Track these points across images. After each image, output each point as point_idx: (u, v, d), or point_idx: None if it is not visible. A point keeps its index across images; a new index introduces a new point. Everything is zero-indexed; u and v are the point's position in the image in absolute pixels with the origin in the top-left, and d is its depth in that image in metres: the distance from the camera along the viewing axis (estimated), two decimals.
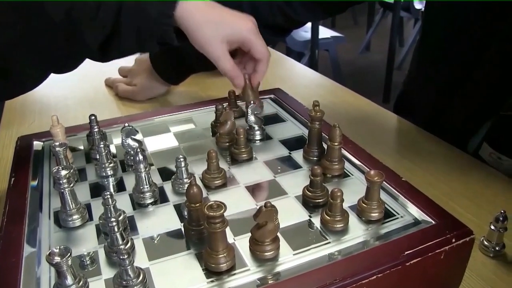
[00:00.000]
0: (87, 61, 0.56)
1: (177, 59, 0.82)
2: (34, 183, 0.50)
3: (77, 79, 1.00)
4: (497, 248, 0.49)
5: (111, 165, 0.51)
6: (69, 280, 0.34)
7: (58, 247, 0.33)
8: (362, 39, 4.25)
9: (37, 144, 0.59)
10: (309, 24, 2.64)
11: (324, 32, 2.95)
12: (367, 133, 0.74)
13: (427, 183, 0.60)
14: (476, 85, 0.68)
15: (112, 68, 1.02)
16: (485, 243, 0.49)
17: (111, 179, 0.51)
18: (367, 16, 4.29)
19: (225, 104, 0.64)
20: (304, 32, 2.82)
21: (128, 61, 0.99)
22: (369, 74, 3.66)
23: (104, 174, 0.51)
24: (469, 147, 0.71)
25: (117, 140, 0.59)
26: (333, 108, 0.84)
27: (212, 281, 0.36)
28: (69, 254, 0.33)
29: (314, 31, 2.74)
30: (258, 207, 0.37)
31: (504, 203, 0.56)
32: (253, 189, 0.48)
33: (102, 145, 0.50)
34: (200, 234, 0.40)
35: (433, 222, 0.42)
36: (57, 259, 0.33)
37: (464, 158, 0.68)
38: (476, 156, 0.69)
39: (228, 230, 0.39)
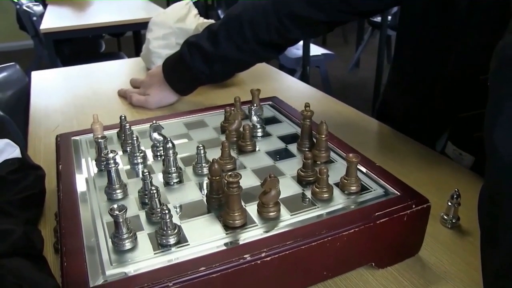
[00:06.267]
0: (100, 76, 0.67)
1: (187, 73, 0.93)
2: (78, 168, 0.61)
3: (92, 91, 1.11)
4: (453, 221, 0.60)
5: (141, 154, 0.62)
6: (124, 230, 0.45)
7: (117, 205, 0.45)
8: (352, 56, 4.40)
9: (74, 140, 0.70)
10: (301, 42, 2.77)
11: (315, 50, 3.10)
12: (351, 135, 0.84)
13: (399, 174, 0.71)
14: (439, 97, 0.80)
15: (118, 81, 1.14)
16: (444, 217, 0.61)
17: (141, 166, 0.62)
18: (356, 34, 4.44)
19: (232, 108, 0.76)
20: (296, 50, 2.95)
21: (135, 72, 1.10)
22: (358, 90, 3.79)
23: (135, 161, 0.62)
24: (437, 146, 0.83)
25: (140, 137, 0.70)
26: (322, 115, 0.95)
27: (228, 234, 0.47)
28: (125, 209, 0.44)
29: (306, 49, 2.87)
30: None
31: (463, 190, 0.66)
32: (258, 172, 0.60)
33: (135, 137, 0.61)
34: (219, 201, 0.52)
35: (398, 193, 0.53)
36: (116, 212, 0.44)
37: (432, 155, 0.79)
38: (443, 153, 0.81)
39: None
